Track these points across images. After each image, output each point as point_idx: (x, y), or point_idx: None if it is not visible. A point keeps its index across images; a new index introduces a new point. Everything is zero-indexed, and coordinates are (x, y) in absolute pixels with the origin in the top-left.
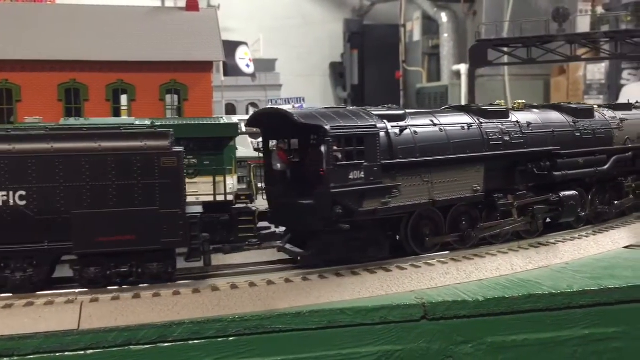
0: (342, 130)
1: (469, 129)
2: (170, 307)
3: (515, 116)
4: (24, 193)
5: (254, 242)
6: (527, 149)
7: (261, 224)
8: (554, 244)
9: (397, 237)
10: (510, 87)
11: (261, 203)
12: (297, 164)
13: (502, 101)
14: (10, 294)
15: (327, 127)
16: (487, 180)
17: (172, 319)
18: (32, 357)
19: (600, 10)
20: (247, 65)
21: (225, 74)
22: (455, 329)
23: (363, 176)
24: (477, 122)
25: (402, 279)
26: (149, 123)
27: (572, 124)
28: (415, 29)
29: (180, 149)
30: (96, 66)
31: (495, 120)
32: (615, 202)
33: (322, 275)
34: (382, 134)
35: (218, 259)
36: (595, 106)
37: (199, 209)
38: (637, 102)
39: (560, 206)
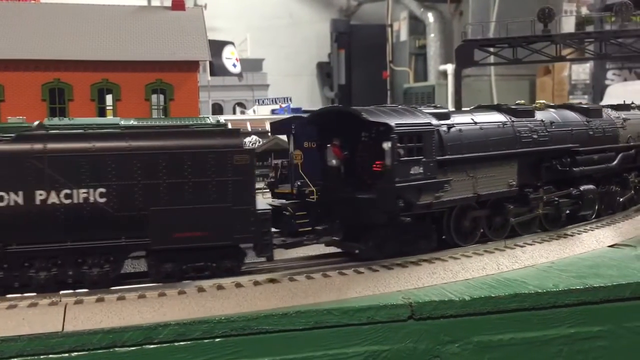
0: (404, 128)
1: (503, 127)
2: (156, 308)
3: (539, 115)
4: (103, 190)
5: (312, 237)
6: (552, 147)
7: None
8: (540, 243)
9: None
10: (497, 87)
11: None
12: (351, 161)
13: (523, 101)
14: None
15: (392, 125)
16: (519, 175)
17: (157, 320)
18: None
19: (584, 10)
20: (234, 65)
21: (212, 73)
22: (442, 328)
23: (422, 171)
24: (510, 120)
25: (389, 279)
26: (135, 123)
27: (585, 123)
28: (402, 29)
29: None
30: (81, 66)
31: (524, 119)
32: (620, 199)
33: (309, 276)
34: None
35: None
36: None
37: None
38: (632, 103)
39: (581, 199)
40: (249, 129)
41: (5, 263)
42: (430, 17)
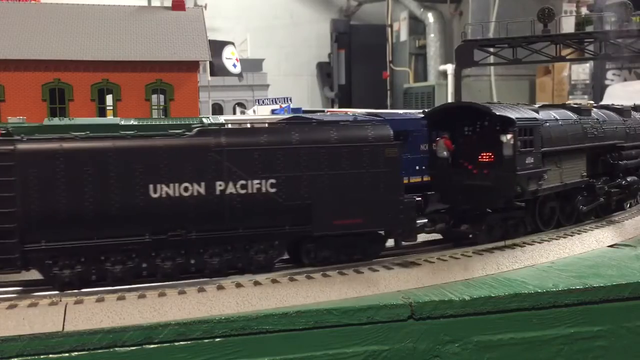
0: (522, 122)
1: (574, 123)
2: (156, 308)
3: (593, 114)
4: (274, 181)
5: (429, 224)
6: (607, 142)
7: None
8: (540, 243)
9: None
10: (496, 87)
11: None
12: (460, 151)
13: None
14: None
15: (514, 118)
16: (586, 167)
17: (157, 320)
18: (16, 359)
19: (584, 11)
20: (234, 65)
21: (212, 73)
22: (442, 328)
23: (532, 162)
24: (577, 117)
25: (389, 279)
26: (135, 123)
27: (623, 121)
28: (402, 29)
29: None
30: (81, 66)
31: (586, 117)
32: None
33: (309, 276)
34: None
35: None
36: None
37: None
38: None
39: (627, 189)
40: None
41: (183, 249)
42: (430, 17)
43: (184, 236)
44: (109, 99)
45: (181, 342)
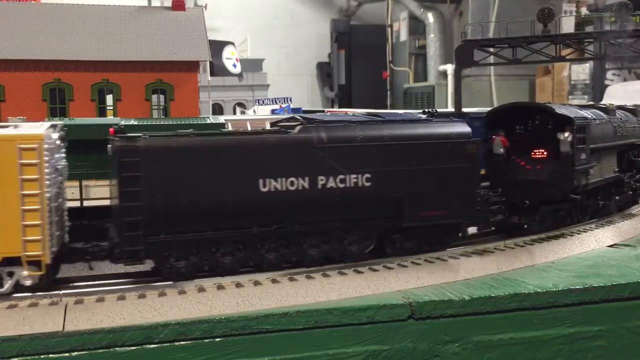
0: (579, 121)
1: (607, 122)
2: (156, 308)
3: (618, 114)
4: (369, 176)
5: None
6: (631, 140)
7: None
8: (540, 243)
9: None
10: (496, 87)
11: None
12: (511, 148)
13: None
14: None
15: (573, 117)
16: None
17: (157, 320)
18: (16, 359)
19: (584, 11)
20: (234, 65)
21: (212, 73)
22: (441, 328)
23: (585, 157)
24: (607, 117)
25: (389, 279)
26: (135, 123)
27: (638, 121)
28: (401, 30)
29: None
30: (81, 66)
31: (613, 117)
32: None
33: (309, 276)
34: None
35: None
36: None
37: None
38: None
39: None
40: (249, 129)
41: (286, 241)
42: (430, 17)
43: (289, 228)
44: (109, 99)
45: (181, 342)
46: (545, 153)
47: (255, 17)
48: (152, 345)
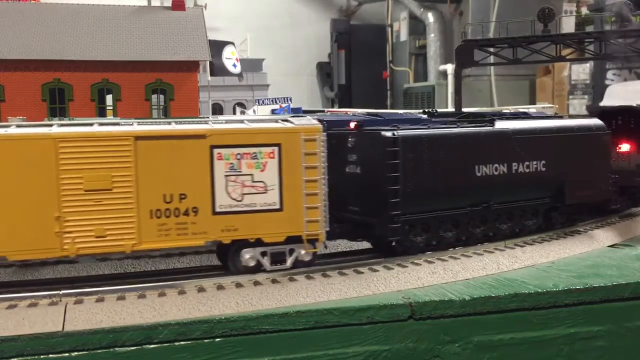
0: None
1: None
2: (156, 308)
3: None
4: (545, 162)
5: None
6: None
7: None
8: (540, 242)
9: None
10: (496, 88)
11: None
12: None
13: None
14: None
15: None
16: None
17: (157, 320)
18: (16, 359)
19: (585, 11)
20: (234, 65)
21: (212, 73)
22: (442, 328)
23: None
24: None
25: (389, 279)
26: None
27: None
28: (402, 29)
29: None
30: (81, 66)
31: None
32: None
33: (309, 276)
34: None
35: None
36: None
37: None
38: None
39: None
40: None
41: (486, 218)
42: (430, 17)
43: (491, 207)
44: (109, 99)
45: (181, 342)
46: (631, 147)
47: (256, 17)
48: (152, 345)
